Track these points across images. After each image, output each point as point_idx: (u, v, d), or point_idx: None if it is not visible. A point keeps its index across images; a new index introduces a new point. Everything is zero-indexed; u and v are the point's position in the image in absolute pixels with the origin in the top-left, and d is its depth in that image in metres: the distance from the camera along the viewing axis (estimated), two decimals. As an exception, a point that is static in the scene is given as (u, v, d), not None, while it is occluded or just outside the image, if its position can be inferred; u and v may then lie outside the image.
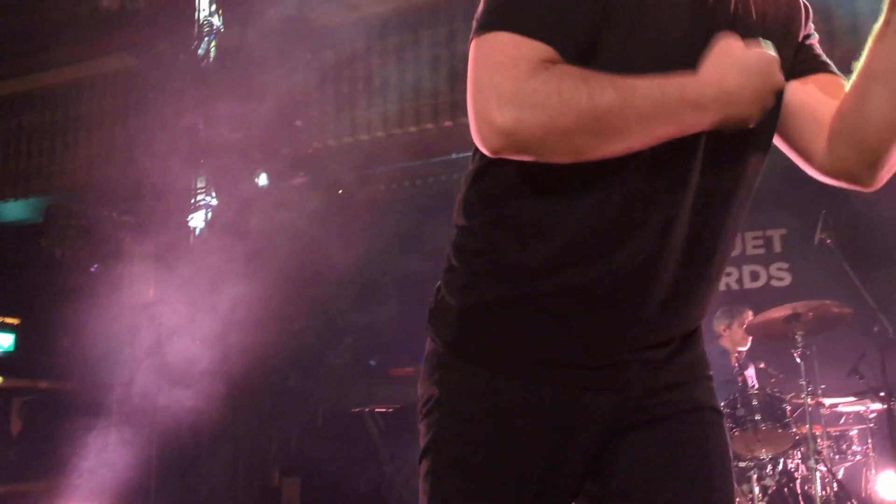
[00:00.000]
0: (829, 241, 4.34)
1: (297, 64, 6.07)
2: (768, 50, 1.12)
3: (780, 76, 1.13)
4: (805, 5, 1.34)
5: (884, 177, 1.29)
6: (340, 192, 6.85)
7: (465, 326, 1.28)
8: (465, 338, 1.28)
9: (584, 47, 1.13)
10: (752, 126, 1.13)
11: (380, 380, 5.17)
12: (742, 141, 1.21)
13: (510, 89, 1.08)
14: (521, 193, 1.23)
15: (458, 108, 5.84)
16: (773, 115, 1.24)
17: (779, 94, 1.20)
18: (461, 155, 6.82)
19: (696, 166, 1.20)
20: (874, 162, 1.25)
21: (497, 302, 1.25)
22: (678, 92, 1.08)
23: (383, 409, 5.11)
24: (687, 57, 1.13)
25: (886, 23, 1.16)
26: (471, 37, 1.19)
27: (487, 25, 1.15)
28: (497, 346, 1.25)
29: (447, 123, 5.93)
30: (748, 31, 1.17)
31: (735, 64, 1.09)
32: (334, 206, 6.66)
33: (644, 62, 1.12)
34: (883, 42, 1.17)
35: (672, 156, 1.17)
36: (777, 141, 1.35)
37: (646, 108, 1.06)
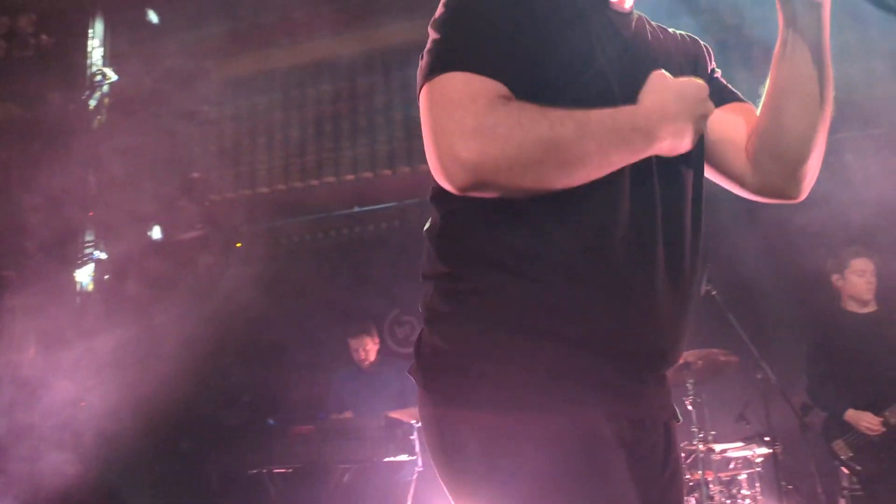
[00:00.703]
0: (714, 293, 4.57)
1: (194, 115, 5.98)
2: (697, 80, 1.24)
3: (710, 102, 1.24)
4: (706, 46, 1.49)
5: (808, 186, 1.40)
6: (238, 245, 6.70)
7: (495, 365, 1.19)
8: (499, 378, 1.19)
9: (529, 84, 1.17)
10: (690, 148, 1.23)
11: (279, 439, 5.00)
12: (684, 162, 1.30)
13: (472, 124, 1.10)
14: (502, 225, 1.22)
15: (359, 161, 5.87)
16: (701, 138, 1.34)
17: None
18: (364, 208, 6.83)
19: (655, 187, 1.27)
20: (796, 172, 1.36)
21: (518, 333, 1.20)
22: (629, 120, 1.15)
23: (283, 470, 4.94)
24: (620, 89, 1.23)
25: (783, 42, 1.28)
26: (420, 84, 1.21)
27: (438, 68, 1.17)
28: (534, 374, 1.18)
29: (349, 177, 5.95)
30: (667, 66, 1.28)
31: (674, 92, 1.19)
32: (231, 260, 6.51)
33: (584, 96, 1.18)
34: (784, 60, 1.29)
35: (635, 178, 1.23)
36: (708, 173, 1.43)
37: (602, 137, 1.12)
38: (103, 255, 5.60)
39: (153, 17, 5.80)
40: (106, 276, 5.74)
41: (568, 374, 1.17)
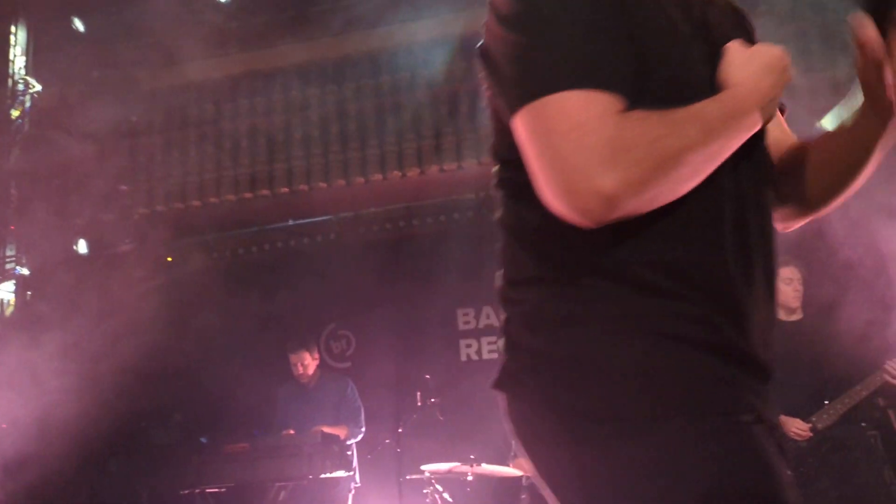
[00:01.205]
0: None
1: (121, 127, 5.83)
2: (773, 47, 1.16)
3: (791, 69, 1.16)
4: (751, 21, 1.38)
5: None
6: (169, 259, 6.55)
7: (640, 373, 1.06)
8: (657, 390, 1.05)
9: (634, 82, 1.06)
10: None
11: (212, 458, 4.89)
12: (760, 137, 1.21)
13: (606, 152, 0.99)
14: (613, 226, 1.07)
15: (294, 174, 5.82)
16: None
17: None
18: (298, 221, 6.77)
19: (746, 170, 1.19)
20: (802, 215, 1.32)
21: (652, 339, 1.06)
22: (734, 105, 1.08)
23: (216, 489, 4.83)
24: (703, 73, 1.14)
25: (858, 122, 1.20)
26: (514, 109, 1.07)
27: (543, 90, 1.03)
28: (682, 380, 1.06)
29: (283, 190, 5.89)
30: (737, 33, 1.21)
31: (761, 65, 1.12)
32: (161, 275, 6.36)
33: (676, 88, 1.09)
34: (853, 139, 1.22)
35: (736, 159, 1.15)
36: None
37: (721, 132, 1.06)
38: (25, 271, 5.39)
39: (79, 25, 5.64)
40: (28, 293, 5.53)
41: (715, 379, 1.06)
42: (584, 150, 0.99)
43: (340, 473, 4.90)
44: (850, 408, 3.94)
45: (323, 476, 4.69)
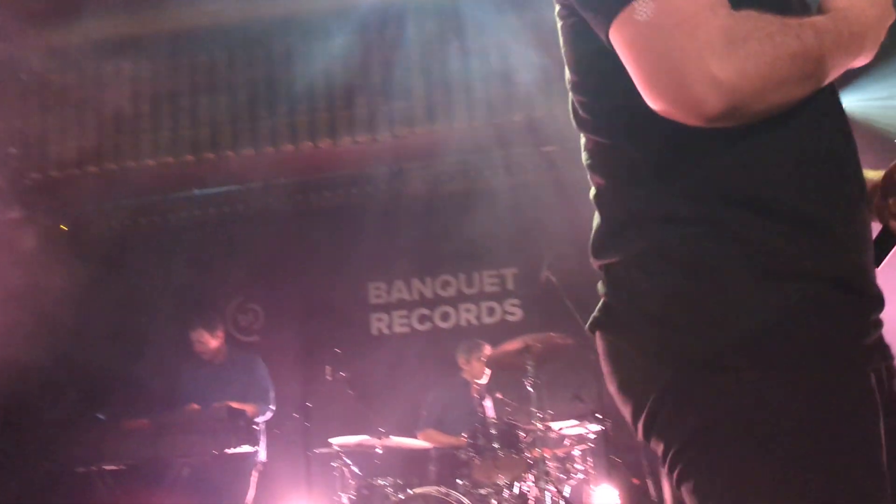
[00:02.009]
0: (552, 278, 4.78)
1: (14, 84, 5.47)
2: None
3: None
4: None
5: None
6: (64, 228, 6.23)
7: (769, 315, 1.00)
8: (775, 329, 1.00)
9: None
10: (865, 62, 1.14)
11: (110, 434, 4.71)
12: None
13: (722, 41, 0.95)
14: (726, 154, 1.05)
15: (200, 142, 5.61)
16: None
17: None
18: (204, 191, 6.55)
19: (842, 106, 1.17)
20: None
21: (779, 276, 1.01)
22: (846, 25, 1.05)
23: (115, 467, 4.66)
24: None
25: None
26: (611, 17, 1.02)
27: None
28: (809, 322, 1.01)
29: (189, 158, 5.67)
30: None
31: None
32: (55, 243, 6.04)
33: (777, 3, 1.05)
34: None
35: (830, 95, 1.14)
36: None
37: (834, 45, 1.03)
38: None
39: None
40: None
41: (845, 326, 1.03)
42: (696, 40, 0.95)
43: (246, 449, 4.81)
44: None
45: (229, 451, 4.60)
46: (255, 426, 4.99)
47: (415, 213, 6.42)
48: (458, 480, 4.67)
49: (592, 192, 1.23)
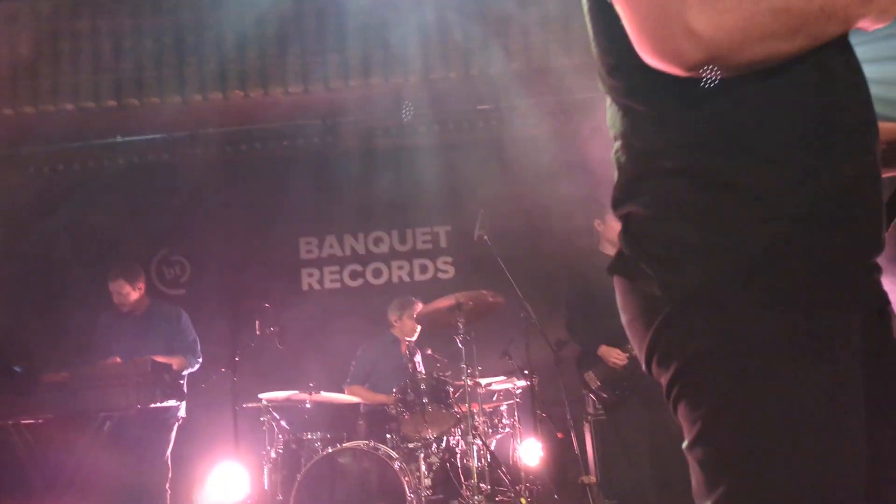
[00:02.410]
0: (485, 237, 4.81)
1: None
2: None
3: None
4: None
5: None
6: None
7: (774, 258, 1.08)
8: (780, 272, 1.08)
9: None
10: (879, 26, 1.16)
11: (28, 388, 4.55)
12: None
13: None
14: (729, 107, 1.11)
15: (123, 86, 5.38)
16: None
17: None
18: (127, 138, 6.31)
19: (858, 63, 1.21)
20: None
21: (786, 221, 1.08)
22: None
23: (32, 421, 4.53)
24: None
25: None
26: None
27: None
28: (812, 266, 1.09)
29: (111, 103, 5.43)
30: None
31: None
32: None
33: None
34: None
35: (843, 51, 1.17)
36: None
37: (825, 3, 1.05)
38: None
39: None
40: None
41: (836, 271, 1.10)
42: None
43: (172, 403, 4.74)
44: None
45: (153, 406, 4.52)
46: (180, 380, 4.91)
47: (348, 168, 6.34)
48: (387, 435, 4.72)
49: (613, 150, 1.31)
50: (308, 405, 4.83)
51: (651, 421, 4.29)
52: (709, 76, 1.07)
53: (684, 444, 1.19)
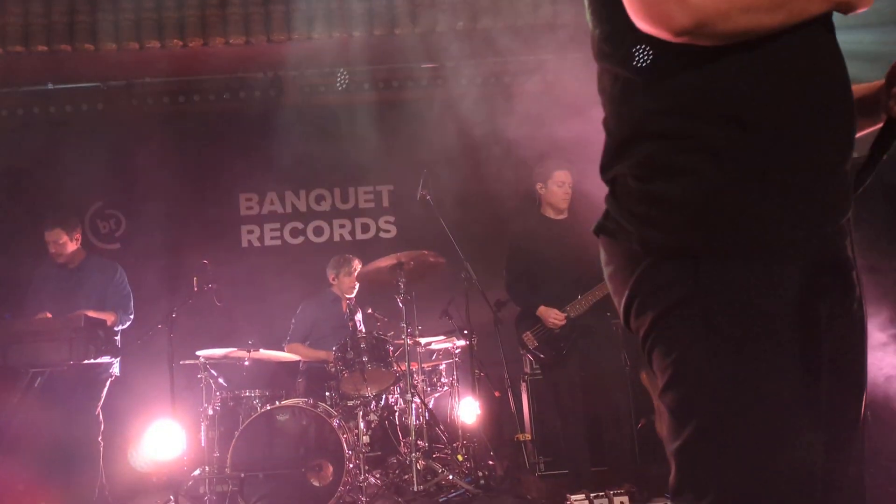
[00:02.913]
0: (428, 197, 4.81)
1: None
2: None
3: None
4: None
5: None
6: None
7: (747, 215, 1.18)
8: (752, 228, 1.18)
9: None
10: (857, 10, 1.24)
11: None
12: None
13: None
14: (717, 76, 1.20)
15: (52, 32, 5.15)
16: None
17: None
18: (60, 86, 6.07)
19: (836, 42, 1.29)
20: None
21: (759, 184, 1.18)
22: None
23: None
24: None
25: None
26: None
27: None
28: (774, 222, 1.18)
29: (41, 48, 5.20)
30: None
31: None
32: None
33: None
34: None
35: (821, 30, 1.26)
36: None
37: None
38: None
39: None
40: None
41: (802, 222, 1.19)
42: None
43: (106, 359, 4.66)
44: (598, 300, 4.40)
45: (87, 362, 4.44)
46: (115, 337, 4.82)
47: (291, 124, 6.22)
48: (326, 393, 4.74)
49: (603, 116, 1.38)
50: (247, 363, 4.81)
51: (585, 381, 4.41)
52: (699, 42, 1.16)
53: (657, 393, 1.27)
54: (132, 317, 5.02)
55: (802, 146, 1.19)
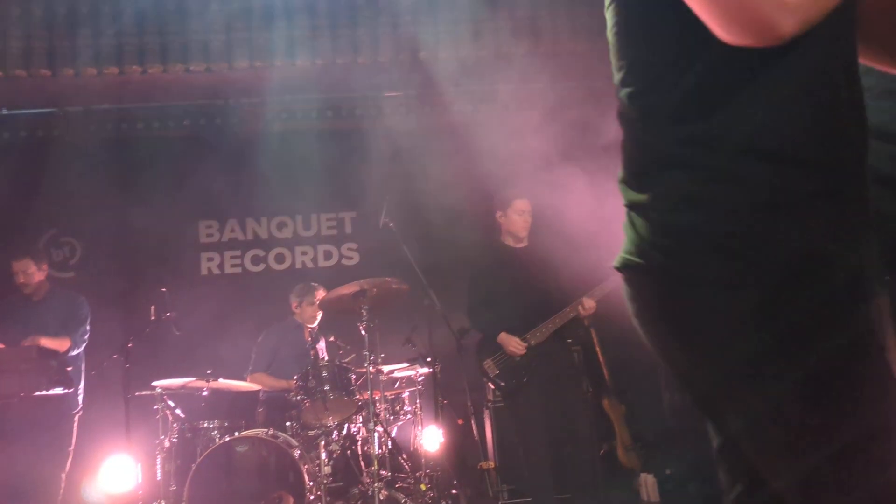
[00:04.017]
0: (391, 224, 4.81)
1: None
2: None
3: None
4: None
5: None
6: None
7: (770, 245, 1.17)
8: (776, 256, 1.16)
9: None
10: None
11: None
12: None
13: None
14: (744, 101, 1.18)
15: (6, 58, 5.07)
16: None
17: None
18: (14, 111, 5.97)
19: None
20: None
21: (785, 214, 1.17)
22: None
23: None
24: None
25: None
26: None
27: None
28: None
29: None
30: None
31: None
32: None
33: None
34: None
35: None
36: None
37: None
38: None
39: None
40: None
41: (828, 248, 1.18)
42: None
43: (59, 391, 4.53)
44: (559, 327, 4.42)
45: (38, 394, 4.31)
46: (68, 367, 4.70)
47: (252, 150, 6.19)
48: (286, 423, 4.67)
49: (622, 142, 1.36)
50: (205, 393, 4.72)
51: (547, 408, 4.42)
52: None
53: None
54: (86, 339, 4.94)
55: (830, 176, 1.19)
